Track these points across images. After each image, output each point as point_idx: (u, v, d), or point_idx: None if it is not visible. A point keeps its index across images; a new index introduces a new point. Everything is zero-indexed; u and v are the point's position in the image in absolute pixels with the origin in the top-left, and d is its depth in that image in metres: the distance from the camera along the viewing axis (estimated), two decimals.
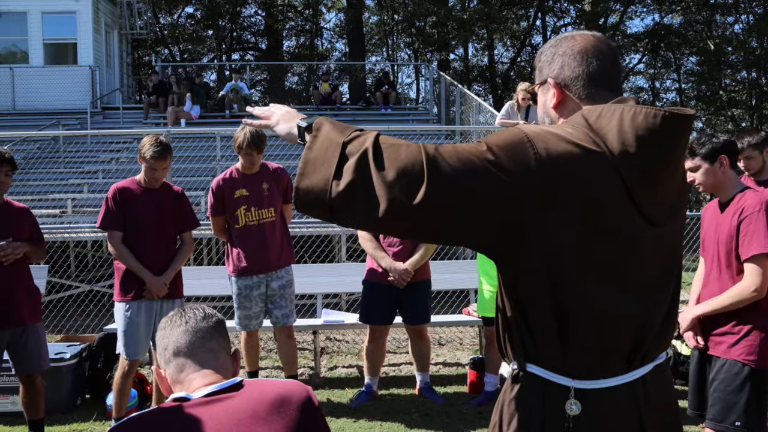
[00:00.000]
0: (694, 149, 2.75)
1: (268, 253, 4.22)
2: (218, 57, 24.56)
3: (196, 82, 14.85)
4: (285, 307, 4.29)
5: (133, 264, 3.75)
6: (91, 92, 14.58)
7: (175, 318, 1.46)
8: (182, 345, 1.42)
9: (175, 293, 3.92)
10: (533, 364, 1.37)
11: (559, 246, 1.28)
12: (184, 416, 1.29)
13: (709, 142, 2.74)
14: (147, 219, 3.81)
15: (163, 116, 13.93)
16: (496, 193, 1.24)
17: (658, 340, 1.40)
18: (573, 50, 1.43)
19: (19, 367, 3.64)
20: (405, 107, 17.96)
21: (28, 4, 14.56)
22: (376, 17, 24.96)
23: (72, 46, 14.97)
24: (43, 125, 12.85)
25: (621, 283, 1.33)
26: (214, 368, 1.41)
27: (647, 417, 1.37)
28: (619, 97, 1.39)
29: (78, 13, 14.70)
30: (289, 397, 1.36)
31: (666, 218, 1.37)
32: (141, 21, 17.60)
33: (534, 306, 1.33)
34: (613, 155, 1.29)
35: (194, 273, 5.50)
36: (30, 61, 14.80)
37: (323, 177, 1.28)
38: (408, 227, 1.30)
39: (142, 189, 3.85)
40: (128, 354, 3.78)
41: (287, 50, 26.33)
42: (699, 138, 2.79)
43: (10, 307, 3.52)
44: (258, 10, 24.81)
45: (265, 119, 1.55)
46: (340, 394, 4.64)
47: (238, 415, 1.30)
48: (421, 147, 1.27)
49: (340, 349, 5.96)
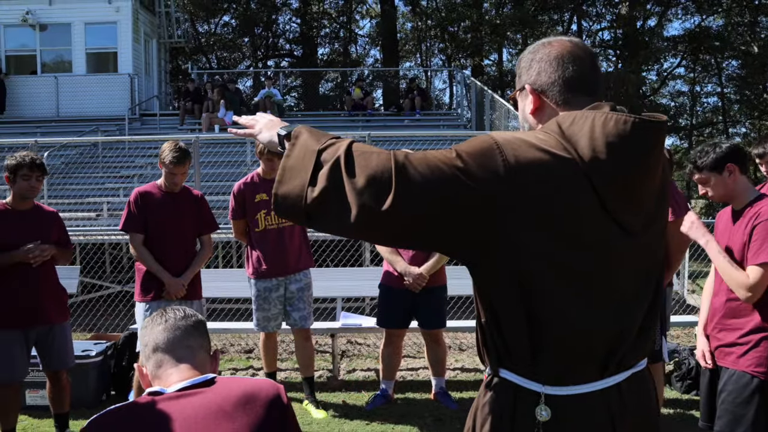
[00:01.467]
0: (697, 163, 2.69)
1: (287, 256, 4.30)
2: (254, 64, 24.99)
3: (230, 89, 15.16)
4: (303, 310, 4.36)
5: (152, 265, 3.88)
6: (130, 99, 15.03)
7: (156, 317, 1.54)
8: (161, 341, 1.49)
9: (194, 294, 4.03)
10: (505, 369, 1.37)
11: (528, 254, 1.27)
12: (155, 410, 1.36)
13: (712, 152, 2.66)
14: (167, 222, 3.93)
15: (198, 122, 14.27)
16: (464, 200, 1.25)
17: (634, 349, 1.38)
18: (549, 56, 1.43)
19: (45, 364, 3.79)
20: (436, 113, 17.95)
21: (72, 16, 15.11)
22: (411, 24, 25.06)
23: (113, 55, 15.47)
24: (84, 131, 13.30)
25: (592, 292, 1.31)
26: (191, 364, 1.46)
27: (620, 424, 1.35)
28: (596, 102, 1.38)
29: (118, 23, 15.20)
30: (255, 394, 1.40)
31: (642, 226, 1.35)
32: (179, 30, 18.05)
33: (505, 312, 1.33)
34: (584, 162, 1.27)
35: (214, 275, 5.63)
36: (73, 70, 15.35)
37: (299, 184, 1.31)
38: (380, 234, 1.32)
39: (163, 193, 3.98)
40: None
41: (321, 57, 26.63)
42: (701, 150, 2.72)
43: (37, 306, 3.67)
44: (293, 18, 25.17)
45: (249, 128, 1.58)
46: (356, 396, 4.69)
47: (204, 409, 1.35)
48: (391, 155, 1.28)
49: (360, 353, 6.01)
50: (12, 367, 3.63)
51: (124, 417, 1.38)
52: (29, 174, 3.64)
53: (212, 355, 1.56)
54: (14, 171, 3.64)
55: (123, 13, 15.16)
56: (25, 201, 3.70)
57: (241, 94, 16.89)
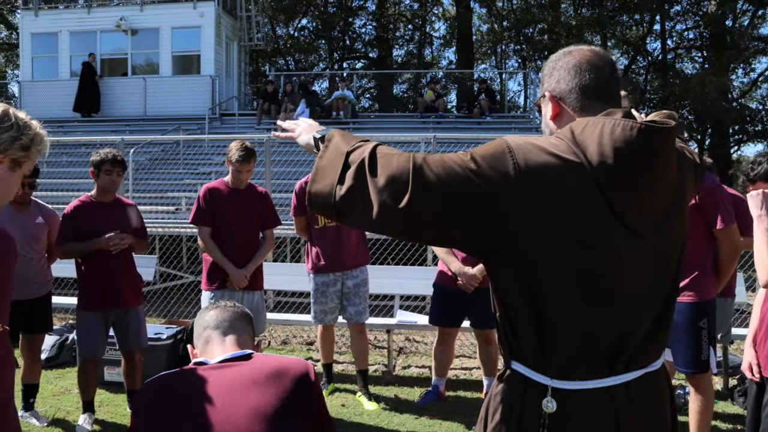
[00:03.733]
0: (749, 174, 2.66)
1: (344, 252, 4.48)
2: (330, 66, 25.54)
3: (307, 91, 15.62)
4: (358, 305, 4.53)
5: (218, 257, 4.15)
6: (211, 100, 15.77)
7: (211, 306, 1.74)
8: (211, 321, 1.70)
9: (255, 285, 4.27)
10: (517, 361, 1.44)
11: (535, 253, 1.34)
12: (197, 376, 1.56)
13: (765, 163, 2.63)
14: (232, 216, 4.19)
15: (275, 122, 14.78)
16: (476, 199, 1.33)
17: (644, 350, 1.42)
18: (568, 65, 1.49)
19: (121, 344, 4.13)
20: (508, 115, 17.78)
21: (160, 21, 16.04)
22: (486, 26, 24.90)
23: (196, 57, 16.27)
24: (167, 130, 14.08)
25: (598, 292, 1.36)
26: (235, 341, 1.65)
27: (626, 422, 1.38)
28: (612, 108, 1.42)
29: (202, 27, 15.98)
30: (286, 370, 1.57)
31: (653, 230, 1.39)
32: (259, 33, 18.74)
33: (515, 308, 1.40)
34: (592, 166, 1.33)
35: (276, 268, 5.89)
36: (160, 72, 16.26)
37: (329, 182, 1.44)
38: (399, 229, 1.42)
39: (230, 189, 4.24)
40: None
41: (396, 58, 26.88)
42: (754, 161, 2.69)
43: (116, 290, 4.00)
44: (369, 20, 25.53)
45: (290, 131, 1.74)
46: (408, 391, 4.82)
47: (239, 379, 1.54)
48: (410, 157, 1.39)
49: (417, 350, 6.13)
50: (93, 344, 3.99)
51: (170, 379, 1.58)
52: (111, 169, 3.98)
53: (255, 344, 1.74)
54: (98, 166, 3.99)
55: (207, 18, 15.93)
56: (107, 194, 4.04)
57: (317, 96, 17.36)
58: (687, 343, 3.18)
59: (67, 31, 16.37)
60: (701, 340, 3.15)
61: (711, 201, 3.13)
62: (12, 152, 1.56)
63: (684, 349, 3.20)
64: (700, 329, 3.15)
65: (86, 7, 16.69)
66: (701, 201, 3.14)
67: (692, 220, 3.11)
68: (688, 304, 3.20)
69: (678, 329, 3.21)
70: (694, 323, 3.17)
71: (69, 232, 3.93)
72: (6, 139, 1.55)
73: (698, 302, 3.19)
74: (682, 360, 3.22)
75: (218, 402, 1.48)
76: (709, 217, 3.15)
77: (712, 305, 3.22)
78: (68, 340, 5.44)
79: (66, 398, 4.61)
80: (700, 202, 3.15)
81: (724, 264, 3.25)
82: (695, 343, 3.16)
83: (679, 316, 3.20)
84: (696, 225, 3.17)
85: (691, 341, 3.17)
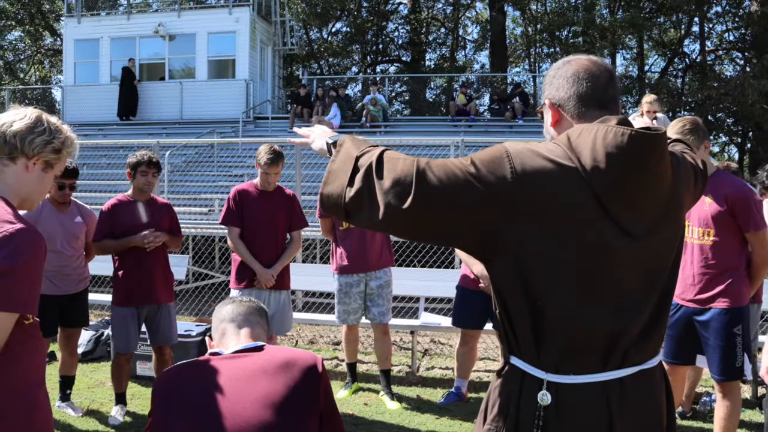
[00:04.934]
0: (765, 183, 2.68)
1: (368, 254, 4.57)
2: (363, 70, 25.72)
3: (339, 94, 15.80)
4: (382, 306, 4.61)
5: (246, 256, 4.28)
6: (245, 103, 16.07)
7: (228, 300, 1.87)
8: (227, 314, 1.82)
9: (282, 285, 4.39)
10: (515, 356, 1.51)
11: (531, 252, 1.41)
12: (211, 365, 1.68)
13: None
14: (261, 218, 4.32)
15: (307, 125, 14.94)
16: (475, 202, 1.41)
17: (638, 347, 1.47)
18: (567, 73, 1.56)
19: (152, 339, 4.29)
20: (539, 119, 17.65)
21: (197, 27, 16.44)
22: (520, 29, 24.79)
23: (231, 62, 16.61)
24: (202, 133, 14.40)
25: (592, 291, 1.41)
26: (249, 333, 1.76)
27: (618, 417, 1.43)
28: (608, 115, 1.48)
29: (237, 32, 16.31)
30: (295, 361, 1.67)
31: (646, 231, 1.44)
32: (293, 38, 19.02)
33: (512, 304, 1.47)
34: (586, 171, 1.40)
35: (305, 269, 6.01)
36: (196, 76, 16.64)
37: (340, 185, 1.53)
38: (403, 229, 1.50)
39: (258, 191, 4.37)
40: None
41: (429, 61, 26.92)
42: None
43: (149, 287, 4.17)
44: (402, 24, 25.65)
45: (305, 137, 1.84)
46: (430, 392, 4.88)
47: (250, 368, 1.65)
48: (415, 161, 1.47)
49: (442, 352, 6.18)
50: (127, 339, 4.16)
51: (187, 367, 1.70)
52: (146, 170, 4.16)
53: (269, 337, 1.84)
54: (134, 167, 4.17)
55: (242, 23, 16.25)
56: (143, 193, 4.22)
57: (349, 99, 17.55)
58: (721, 349, 3.15)
59: (108, 37, 16.90)
60: (735, 347, 3.13)
61: (742, 206, 3.12)
62: (45, 155, 1.70)
63: (718, 356, 3.17)
64: (734, 335, 3.14)
65: (126, 14, 17.20)
66: (732, 206, 3.13)
67: (725, 225, 3.12)
68: (723, 310, 3.17)
69: (712, 335, 3.19)
70: (729, 329, 3.15)
71: (105, 229, 4.12)
72: (39, 143, 1.68)
73: (733, 308, 3.16)
74: (716, 367, 3.19)
75: (230, 389, 1.59)
76: (740, 223, 3.13)
77: (746, 311, 3.20)
78: (104, 336, 5.65)
79: (100, 391, 4.80)
80: (731, 207, 3.13)
81: (758, 269, 3.23)
82: (730, 350, 3.14)
83: (713, 323, 3.18)
84: (729, 231, 3.16)
85: (726, 348, 3.14)
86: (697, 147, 3.12)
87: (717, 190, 3.17)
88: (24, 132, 1.67)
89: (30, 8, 23.01)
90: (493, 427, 1.52)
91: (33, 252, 1.54)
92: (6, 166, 1.67)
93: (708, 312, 3.22)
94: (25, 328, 1.59)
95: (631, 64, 24.79)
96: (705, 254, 3.23)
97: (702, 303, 3.24)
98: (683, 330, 3.35)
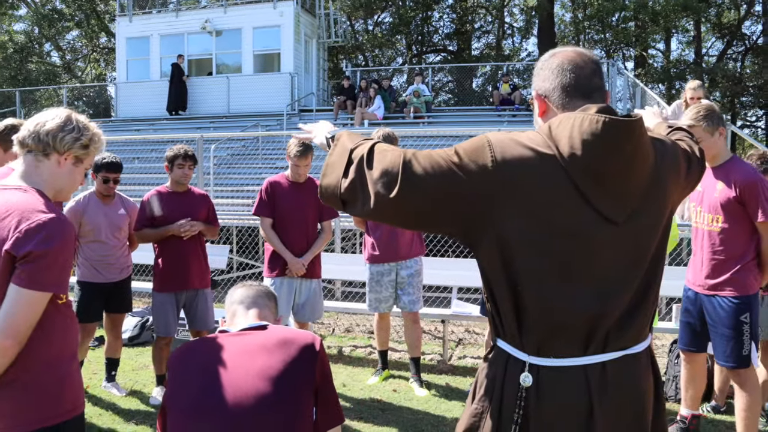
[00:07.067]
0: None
1: (399, 243, 4.65)
2: (408, 60, 25.71)
3: (382, 86, 15.88)
4: (412, 294, 4.69)
5: (278, 246, 4.42)
6: (290, 96, 16.34)
7: (240, 284, 2.02)
8: (238, 296, 1.99)
9: (313, 274, 4.51)
10: (500, 339, 1.57)
11: (512, 238, 1.46)
12: (217, 342, 1.84)
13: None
14: (292, 208, 4.44)
15: (351, 117, 15.14)
16: (458, 189, 1.48)
17: (620, 331, 1.50)
18: (552, 65, 1.60)
19: (190, 324, 4.49)
20: None
21: (242, 22, 16.79)
22: (569, 15, 24.30)
23: (276, 55, 16.90)
24: (247, 126, 14.73)
25: (571, 275, 1.46)
26: (257, 314, 1.90)
27: (599, 401, 1.47)
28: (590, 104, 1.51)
29: (282, 26, 16.58)
30: (294, 339, 1.80)
31: (626, 216, 1.48)
32: (338, 30, 19.19)
33: (497, 289, 1.53)
34: (563, 158, 1.45)
35: (341, 259, 6.13)
36: (242, 71, 17.01)
37: (336, 177, 1.63)
38: (391, 216, 1.58)
39: (290, 183, 4.50)
40: None
41: (475, 50, 26.69)
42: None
43: (184, 273, 4.37)
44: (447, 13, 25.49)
45: (308, 132, 1.96)
46: (460, 380, 4.93)
47: (251, 344, 1.79)
48: (402, 153, 1.55)
49: (475, 341, 6.22)
50: (166, 323, 4.37)
51: (195, 344, 1.86)
52: (183, 163, 4.35)
53: (276, 319, 1.98)
54: (171, 161, 4.37)
55: (286, 17, 16.50)
56: (180, 185, 4.42)
57: (393, 91, 17.61)
58: (728, 337, 3.15)
59: (158, 34, 17.46)
60: (743, 335, 3.11)
61: (752, 193, 3.08)
62: (74, 151, 1.87)
63: (724, 343, 3.17)
64: (742, 323, 3.11)
65: (175, 11, 17.70)
66: (742, 193, 3.10)
67: (734, 212, 3.09)
68: (730, 298, 3.17)
69: (719, 323, 3.19)
70: (736, 317, 3.14)
71: (144, 219, 4.33)
72: (69, 140, 1.85)
73: (740, 296, 3.15)
74: (722, 353, 3.20)
75: (231, 363, 1.74)
76: (750, 210, 3.09)
77: (754, 300, 3.16)
78: (149, 322, 5.92)
79: (143, 373, 5.05)
80: (741, 194, 3.10)
81: (767, 257, 3.17)
82: (736, 338, 3.12)
83: (720, 311, 3.18)
84: (738, 218, 3.13)
85: (732, 335, 3.13)
86: (711, 133, 3.08)
87: (728, 176, 3.14)
88: (55, 130, 1.83)
89: (85, 9, 23.95)
90: (479, 407, 1.59)
91: (63, 238, 1.70)
92: (41, 161, 1.84)
93: (715, 299, 3.21)
94: (59, 308, 1.77)
95: (687, 48, 23.99)
96: (713, 240, 3.22)
97: (710, 289, 3.24)
98: (696, 317, 3.34)
